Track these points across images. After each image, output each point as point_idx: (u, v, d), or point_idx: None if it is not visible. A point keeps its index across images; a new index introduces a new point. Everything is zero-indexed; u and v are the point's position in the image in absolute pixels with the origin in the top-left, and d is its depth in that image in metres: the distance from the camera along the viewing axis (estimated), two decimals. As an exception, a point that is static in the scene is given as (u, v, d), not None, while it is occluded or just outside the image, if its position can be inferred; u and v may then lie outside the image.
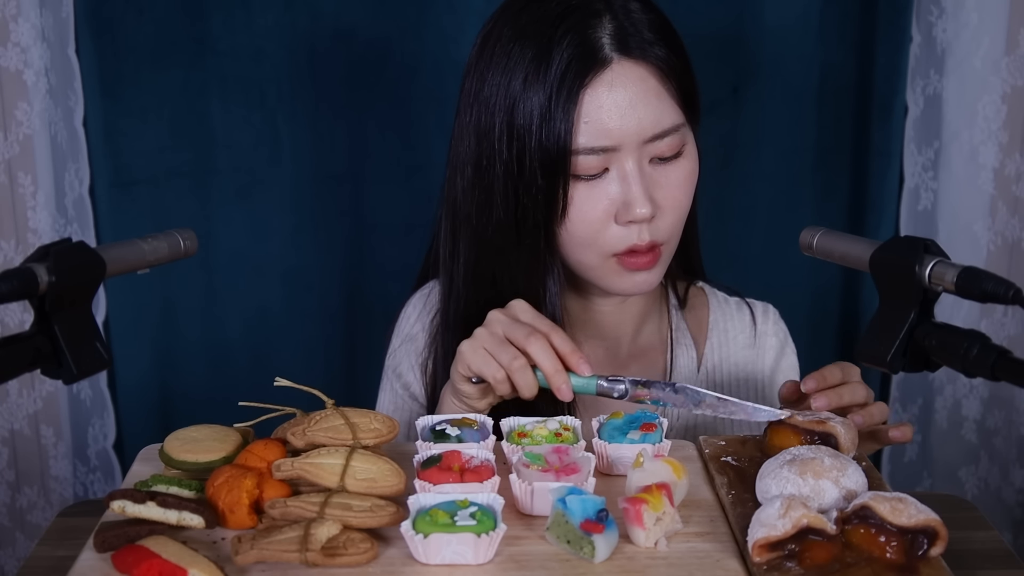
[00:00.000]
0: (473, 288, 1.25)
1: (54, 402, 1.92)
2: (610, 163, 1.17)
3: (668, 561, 0.90)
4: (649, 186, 1.17)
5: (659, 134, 1.17)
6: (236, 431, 1.07)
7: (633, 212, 1.16)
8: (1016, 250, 1.90)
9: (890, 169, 1.88)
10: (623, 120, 1.15)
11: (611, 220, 1.18)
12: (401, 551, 0.91)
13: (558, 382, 1.08)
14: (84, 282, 0.92)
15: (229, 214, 1.90)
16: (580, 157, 1.16)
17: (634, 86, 1.16)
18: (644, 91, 1.16)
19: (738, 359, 1.37)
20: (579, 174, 1.17)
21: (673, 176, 1.20)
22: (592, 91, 1.15)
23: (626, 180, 1.17)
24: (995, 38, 1.81)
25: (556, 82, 1.15)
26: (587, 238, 1.19)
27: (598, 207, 1.17)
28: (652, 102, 1.17)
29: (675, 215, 1.21)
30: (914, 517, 0.89)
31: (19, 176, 1.82)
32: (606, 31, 1.16)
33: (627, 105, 1.15)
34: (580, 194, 1.17)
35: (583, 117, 1.15)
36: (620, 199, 1.17)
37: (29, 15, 1.76)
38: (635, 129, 1.16)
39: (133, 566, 0.86)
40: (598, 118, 1.15)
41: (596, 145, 1.15)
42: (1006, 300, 0.86)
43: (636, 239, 1.18)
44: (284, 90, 1.85)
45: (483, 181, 1.21)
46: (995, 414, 1.96)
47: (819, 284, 1.96)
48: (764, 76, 1.87)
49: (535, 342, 1.09)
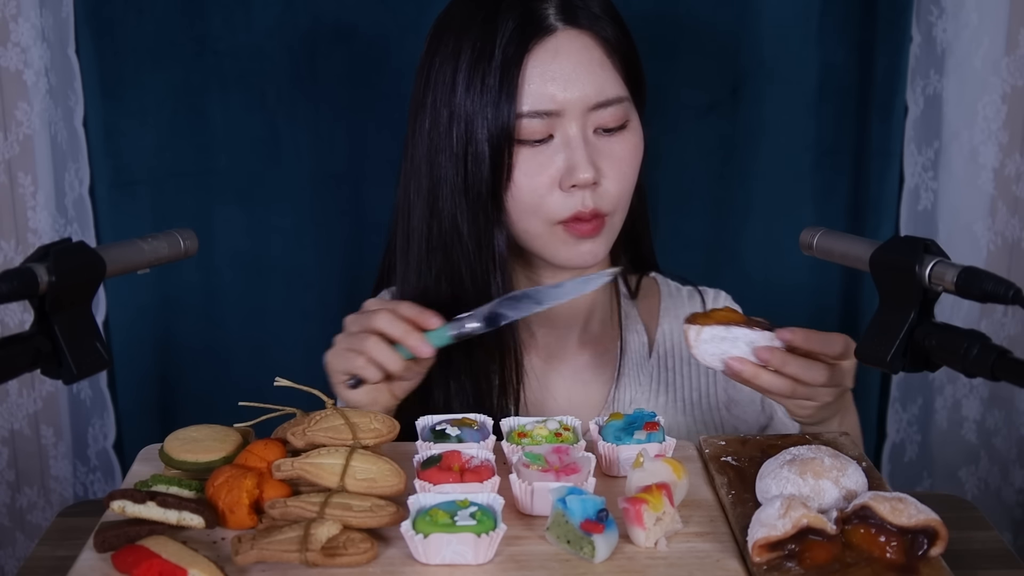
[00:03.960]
0: (426, 287, 1.26)
1: (54, 402, 1.92)
2: (554, 129, 1.19)
3: (668, 561, 0.90)
4: (593, 153, 1.20)
5: (603, 102, 1.20)
6: (236, 431, 1.07)
7: (576, 176, 1.18)
8: (1016, 250, 1.89)
9: (890, 169, 1.88)
10: (567, 85, 1.18)
11: (555, 186, 1.20)
12: (401, 551, 0.91)
13: (412, 342, 1.11)
14: (84, 282, 0.92)
15: (229, 214, 1.89)
16: (524, 121, 1.18)
17: (578, 54, 1.19)
18: (588, 60, 1.20)
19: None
20: (523, 138, 1.19)
21: (617, 147, 1.22)
22: (536, 57, 1.18)
23: (570, 146, 1.19)
24: (995, 38, 1.80)
25: (501, 50, 1.18)
26: (532, 204, 1.21)
27: (543, 172, 1.20)
28: (596, 71, 1.20)
29: (619, 186, 1.22)
30: (914, 517, 0.89)
31: (19, 176, 1.82)
32: (552, 4, 1.20)
33: (571, 71, 1.18)
34: (525, 159, 1.20)
35: (527, 82, 1.18)
36: (564, 164, 1.19)
37: (29, 15, 1.75)
38: (579, 95, 1.18)
39: (133, 566, 0.86)
40: (542, 83, 1.18)
41: (540, 109, 1.18)
42: (1006, 300, 0.86)
43: (580, 205, 1.20)
44: (284, 90, 1.85)
45: (434, 168, 1.23)
46: (995, 414, 1.95)
47: (819, 284, 1.96)
48: (764, 76, 1.87)
49: (379, 318, 1.12)
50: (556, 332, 1.36)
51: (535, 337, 1.36)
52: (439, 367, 1.22)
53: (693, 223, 1.94)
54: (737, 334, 1.10)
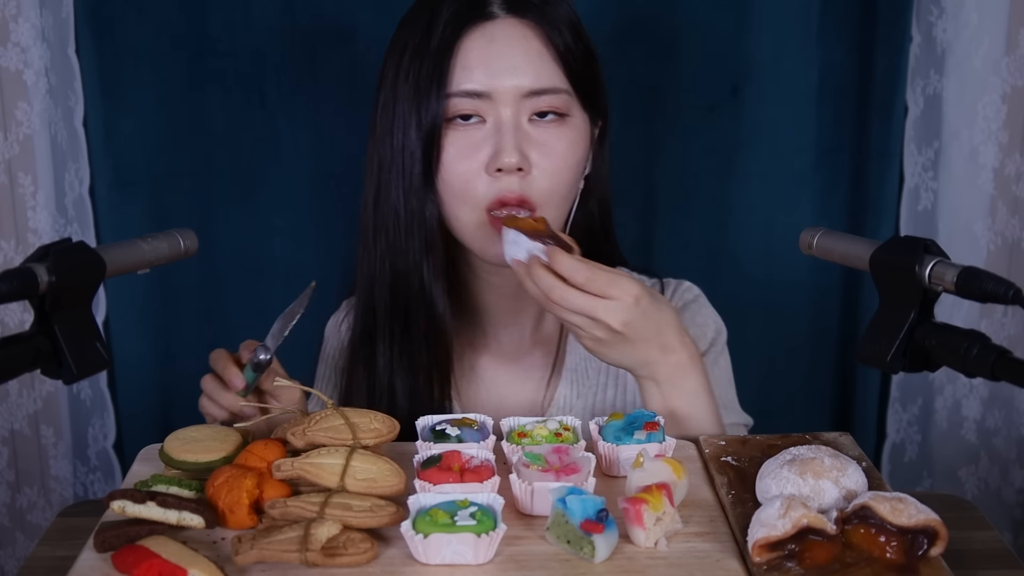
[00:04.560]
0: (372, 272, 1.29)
1: (54, 402, 1.92)
2: (487, 113, 1.20)
3: (668, 561, 0.90)
4: (522, 140, 1.19)
5: (538, 90, 1.20)
6: (236, 431, 1.07)
7: (500, 159, 1.18)
8: (1016, 250, 1.90)
9: (890, 169, 1.88)
10: (499, 70, 1.19)
11: (483, 171, 1.20)
12: (401, 551, 0.91)
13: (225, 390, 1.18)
14: (84, 282, 0.92)
15: (229, 214, 1.89)
16: (453, 101, 1.19)
17: (515, 42, 1.20)
18: (526, 48, 1.20)
19: None
20: (452, 116, 1.20)
21: (552, 139, 1.21)
22: (471, 41, 1.19)
23: (499, 130, 1.19)
24: (995, 38, 1.81)
25: (439, 35, 1.19)
26: (460, 189, 1.21)
27: (471, 156, 1.20)
28: (533, 59, 1.20)
29: (551, 178, 1.21)
30: (914, 517, 0.89)
31: (19, 176, 1.82)
32: None
33: (505, 56, 1.19)
34: (453, 142, 1.20)
35: (459, 65, 1.19)
36: (491, 148, 1.19)
37: (29, 15, 1.75)
38: (512, 81, 1.19)
39: (133, 566, 0.86)
40: (474, 66, 1.19)
41: (468, 89, 1.19)
42: (1006, 300, 0.86)
43: (505, 190, 1.19)
44: (284, 90, 1.85)
45: (381, 155, 1.25)
46: (995, 414, 1.95)
47: (819, 284, 1.96)
48: (764, 76, 1.87)
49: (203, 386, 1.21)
50: (509, 331, 1.37)
51: (487, 336, 1.37)
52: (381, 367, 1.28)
53: (693, 223, 1.94)
54: (521, 241, 1.13)
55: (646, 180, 1.93)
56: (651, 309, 1.11)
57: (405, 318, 1.28)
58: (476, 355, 1.37)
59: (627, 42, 1.87)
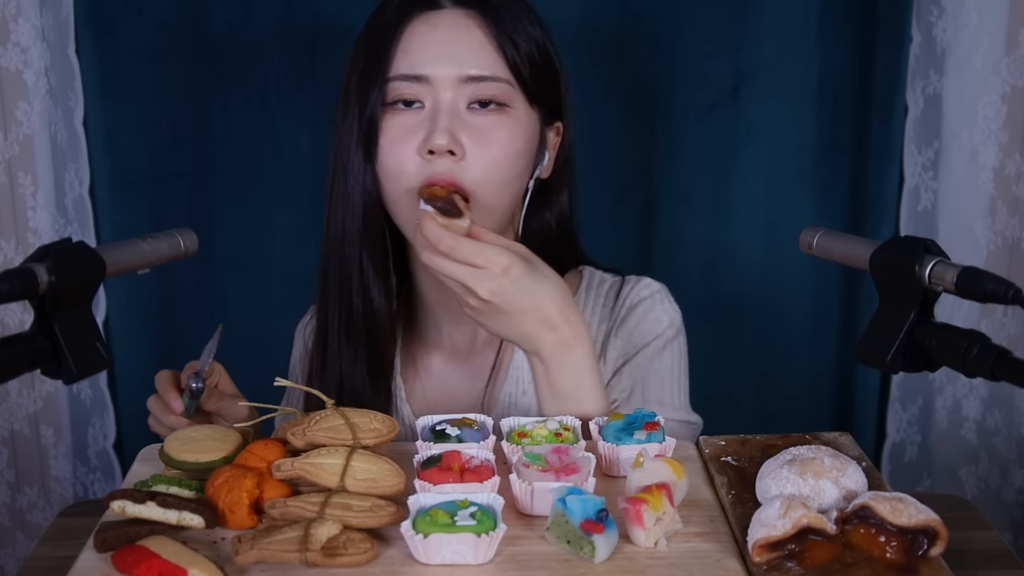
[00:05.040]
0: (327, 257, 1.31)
1: (54, 402, 1.92)
2: (427, 98, 1.20)
3: (668, 561, 0.90)
4: (457, 126, 1.19)
5: (476, 77, 1.20)
6: (236, 431, 1.07)
7: (431, 141, 1.18)
8: (1016, 250, 1.90)
9: (890, 169, 1.88)
10: (439, 55, 1.20)
11: (416, 153, 1.20)
12: (401, 551, 0.91)
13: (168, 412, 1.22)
14: (84, 282, 0.92)
15: (229, 214, 1.90)
16: (393, 84, 1.20)
17: (457, 31, 1.21)
18: (467, 36, 1.21)
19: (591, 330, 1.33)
20: (391, 100, 1.21)
21: (489, 127, 1.21)
22: (414, 28, 1.21)
23: (434, 114, 1.20)
24: (995, 38, 1.81)
25: (385, 23, 1.22)
26: (395, 171, 1.21)
27: (407, 139, 1.20)
28: (474, 47, 1.21)
29: (485, 167, 1.20)
30: (914, 517, 0.89)
31: (19, 176, 1.82)
32: None
33: (446, 42, 1.20)
34: (391, 125, 1.21)
35: (401, 50, 1.21)
36: (425, 131, 1.19)
37: (29, 15, 1.76)
38: (451, 67, 1.19)
39: (133, 566, 0.86)
40: (415, 50, 1.20)
41: (407, 73, 1.20)
42: (1006, 300, 0.86)
43: (436, 172, 1.19)
44: (284, 90, 1.85)
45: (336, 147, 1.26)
46: (995, 414, 1.95)
47: (819, 284, 1.96)
48: (764, 76, 1.87)
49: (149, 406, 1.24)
50: (462, 330, 1.37)
51: (441, 334, 1.37)
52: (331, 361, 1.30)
53: (693, 223, 1.94)
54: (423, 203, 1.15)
55: (646, 180, 1.93)
56: (525, 281, 1.12)
57: (349, 309, 1.29)
58: (428, 353, 1.38)
59: (627, 42, 1.87)
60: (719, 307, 1.97)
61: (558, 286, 1.15)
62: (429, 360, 1.38)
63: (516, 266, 1.11)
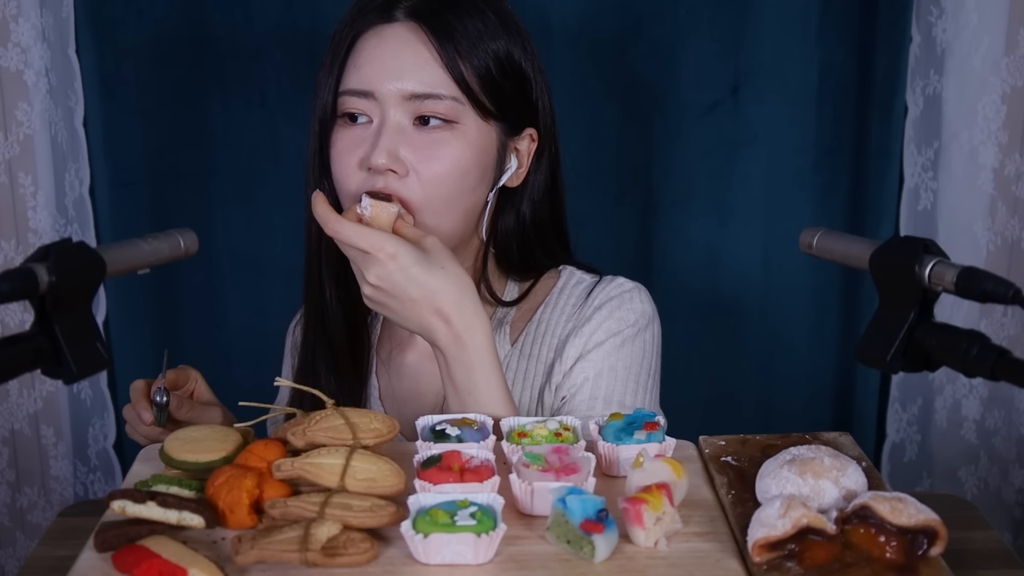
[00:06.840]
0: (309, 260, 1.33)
1: (54, 402, 1.92)
2: (374, 114, 1.21)
3: (668, 561, 0.90)
4: (400, 143, 1.19)
5: (421, 94, 1.20)
6: (236, 431, 1.07)
7: (370, 159, 1.19)
8: (1016, 250, 1.90)
9: (890, 169, 1.88)
10: (384, 69, 1.20)
11: (359, 167, 1.21)
12: (401, 551, 0.91)
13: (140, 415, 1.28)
14: (84, 282, 0.92)
15: (229, 214, 1.90)
16: (343, 98, 1.22)
17: (405, 46, 1.21)
18: (413, 52, 1.20)
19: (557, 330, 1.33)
20: (341, 113, 1.23)
21: (434, 145, 1.20)
22: (365, 41, 1.22)
23: (378, 131, 1.20)
24: (995, 38, 1.81)
25: (343, 31, 1.24)
26: (343, 184, 1.23)
27: (352, 152, 1.21)
28: (419, 63, 1.20)
29: (428, 183, 1.20)
30: (914, 517, 0.89)
31: (19, 176, 1.82)
32: (410, 1, 1.22)
33: (391, 57, 1.20)
34: (341, 138, 1.23)
35: (352, 61, 1.22)
36: (367, 147, 1.20)
37: (29, 15, 1.76)
38: (395, 82, 1.19)
39: (133, 566, 0.86)
40: (363, 64, 1.21)
41: (357, 88, 1.21)
42: (1006, 300, 0.86)
43: (376, 187, 1.19)
44: (284, 90, 1.85)
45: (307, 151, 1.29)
46: (995, 414, 1.96)
47: (819, 284, 1.96)
48: (764, 76, 1.87)
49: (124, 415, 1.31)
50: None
51: (414, 335, 1.35)
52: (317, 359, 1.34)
53: (693, 223, 1.94)
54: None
55: (646, 180, 1.93)
56: (415, 270, 1.12)
57: (322, 307, 1.33)
58: (402, 351, 1.38)
59: (627, 42, 1.87)
60: (719, 307, 1.97)
61: (455, 278, 1.14)
62: (402, 358, 1.38)
63: (405, 254, 1.11)
